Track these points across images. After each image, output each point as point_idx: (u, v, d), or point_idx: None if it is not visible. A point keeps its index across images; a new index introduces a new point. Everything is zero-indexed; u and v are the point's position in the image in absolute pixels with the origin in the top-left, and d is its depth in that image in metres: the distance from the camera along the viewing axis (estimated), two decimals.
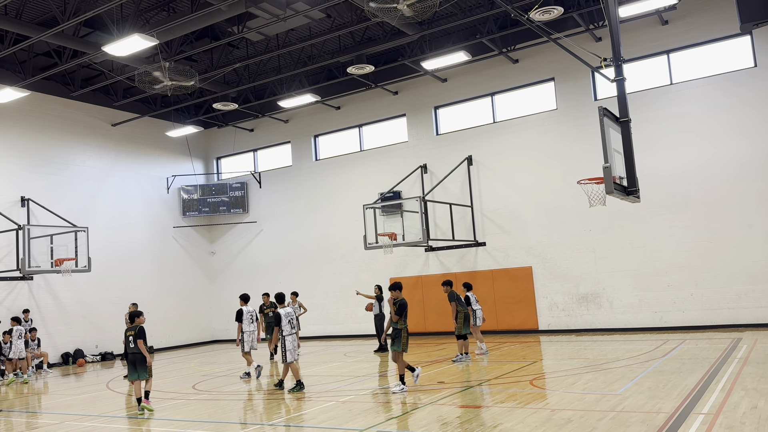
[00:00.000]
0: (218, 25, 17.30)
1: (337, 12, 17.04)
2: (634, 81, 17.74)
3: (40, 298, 20.14)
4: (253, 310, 14.50)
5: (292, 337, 11.45)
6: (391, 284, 11.24)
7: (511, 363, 13.31)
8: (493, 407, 8.86)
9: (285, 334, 11.35)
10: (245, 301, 14.53)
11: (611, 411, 8.07)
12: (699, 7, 17.54)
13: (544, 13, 14.74)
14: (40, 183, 20.64)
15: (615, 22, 10.65)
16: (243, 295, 14.70)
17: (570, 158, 18.96)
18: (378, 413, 9.19)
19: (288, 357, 11.35)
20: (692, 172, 17.44)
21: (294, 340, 11.53)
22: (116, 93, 22.37)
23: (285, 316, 11.38)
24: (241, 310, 14.20)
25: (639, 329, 17.67)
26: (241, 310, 14.20)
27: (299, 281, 23.92)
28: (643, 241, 17.94)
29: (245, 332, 14.03)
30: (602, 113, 9.47)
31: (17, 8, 15.61)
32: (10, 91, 17.70)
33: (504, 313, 19.91)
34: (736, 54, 17.31)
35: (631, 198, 10.13)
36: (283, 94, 21.66)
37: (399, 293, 11.01)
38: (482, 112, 21.08)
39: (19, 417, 11.24)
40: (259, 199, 25.48)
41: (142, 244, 23.67)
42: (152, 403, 10.58)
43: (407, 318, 10.95)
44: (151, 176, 24.51)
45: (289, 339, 11.33)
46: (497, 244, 20.23)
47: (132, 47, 15.07)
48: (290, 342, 11.35)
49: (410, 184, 21.54)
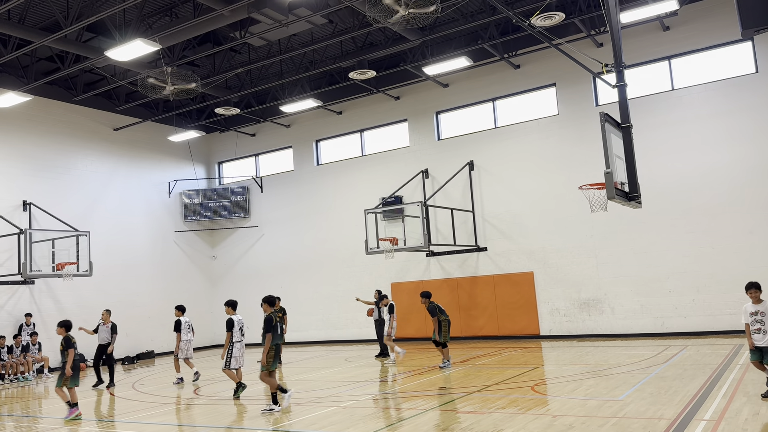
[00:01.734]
0: (220, 31, 17.35)
1: (339, 17, 17.09)
2: (635, 87, 17.75)
3: (42, 302, 20.14)
4: (190, 320, 14.93)
5: (241, 344, 11.77)
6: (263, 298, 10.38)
7: (512, 368, 13.28)
8: (495, 413, 8.83)
9: (234, 341, 11.65)
10: (182, 311, 14.99)
11: (613, 417, 8.05)
12: (700, 13, 17.56)
13: (545, 18, 14.78)
14: (42, 187, 20.67)
15: (616, 27, 10.67)
16: (179, 306, 15.17)
17: (571, 164, 18.96)
18: (379, 419, 9.17)
19: (232, 363, 11.71)
20: (694, 178, 17.43)
21: (242, 348, 11.83)
22: (118, 98, 22.44)
23: (237, 323, 11.69)
24: (179, 321, 14.74)
25: (640, 335, 17.63)
26: (179, 321, 14.74)
27: (300, 286, 23.93)
28: (644, 246, 17.91)
29: (183, 341, 14.65)
30: (604, 119, 9.48)
31: (20, 13, 15.67)
32: (13, 95, 17.74)
33: (505, 318, 19.88)
34: (737, 60, 17.33)
35: (632, 203, 10.14)
36: (284, 99, 21.71)
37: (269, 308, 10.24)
38: (484, 118, 21.10)
39: (20, 422, 11.24)
40: (260, 204, 25.50)
41: (144, 249, 23.68)
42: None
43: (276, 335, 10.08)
44: (152, 181, 24.54)
45: (237, 346, 11.63)
46: (498, 250, 20.22)
47: (134, 52, 15.11)
48: (237, 349, 11.66)
49: (411, 189, 21.55)
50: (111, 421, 10.64)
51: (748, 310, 8.78)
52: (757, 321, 8.65)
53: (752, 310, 8.73)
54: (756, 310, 8.70)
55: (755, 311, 8.70)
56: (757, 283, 8.86)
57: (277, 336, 10.07)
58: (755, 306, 8.74)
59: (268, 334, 9.92)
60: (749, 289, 8.81)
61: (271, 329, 9.91)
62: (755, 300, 8.79)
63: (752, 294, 8.79)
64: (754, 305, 8.75)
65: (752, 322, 8.71)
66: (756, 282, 8.89)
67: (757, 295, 8.79)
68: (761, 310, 8.67)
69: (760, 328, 8.63)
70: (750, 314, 8.74)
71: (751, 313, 8.73)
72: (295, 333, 23.64)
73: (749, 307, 8.78)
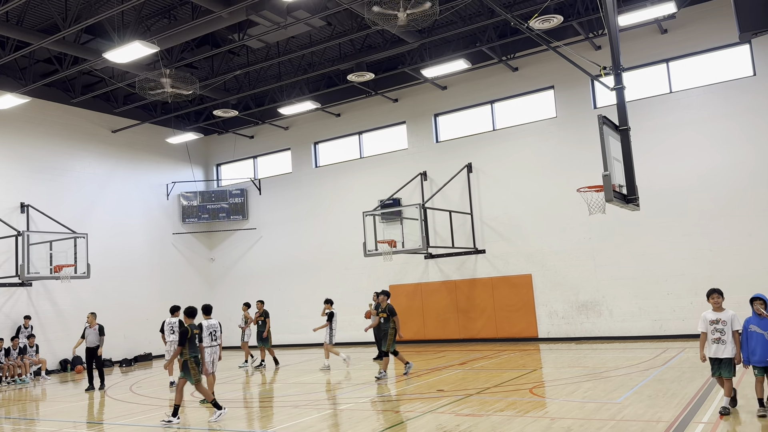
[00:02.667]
0: (219, 33, 17.35)
1: (337, 20, 17.10)
2: (633, 89, 17.78)
3: (39, 304, 20.10)
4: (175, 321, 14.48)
5: (211, 349, 11.85)
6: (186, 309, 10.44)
7: (510, 371, 13.27)
8: (493, 416, 8.83)
9: (205, 346, 11.77)
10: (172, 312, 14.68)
11: (611, 420, 8.05)
12: (698, 16, 17.60)
13: (543, 21, 14.80)
14: (39, 189, 20.63)
15: (614, 30, 10.68)
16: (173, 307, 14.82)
17: (569, 166, 18.98)
18: (377, 421, 9.15)
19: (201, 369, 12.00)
20: (692, 181, 17.45)
21: (213, 353, 11.86)
22: (116, 100, 22.42)
23: (207, 328, 11.83)
24: (163, 322, 14.73)
25: (639, 337, 17.64)
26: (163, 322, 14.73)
27: (298, 288, 23.91)
28: (642, 249, 17.93)
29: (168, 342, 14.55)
30: (602, 121, 9.49)
31: (18, 15, 15.66)
32: (11, 97, 17.72)
33: (503, 320, 19.88)
34: (735, 63, 17.36)
35: (630, 206, 10.14)
36: (283, 101, 21.71)
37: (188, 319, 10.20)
38: (482, 120, 21.11)
39: (17, 424, 11.20)
40: (258, 206, 25.49)
41: (142, 251, 23.65)
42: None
43: (194, 347, 10.04)
44: (150, 183, 24.52)
45: (208, 351, 11.73)
46: (497, 252, 20.22)
47: (133, 54, 15.10)
48: (208, 354, 11.74)
49: (410, 192, 21.54)
50: (110, 424, 10.61)
51: (707, 318, 8.12)
52: (717, 330, 8.01)
53: (712, 318, 8.08)
54: (717, 318, 8.05)
55: (716, 319, 8.05)
56: (719, 289, 8.21)
57: (194, 348, 10.01)
58: (716, 314, 8.10)
59: (179, 346, 9.94)
60: (711, 295, 8.18)
61: (185, 342, 9.91)
62: (716, 307, 8.14)
63: (714, 300, 8.15)
64: (715, 313, 8.11)
65: (711, 331, 8.05)
66: (718, 288, 8.25)
67: (719, 302, 8.14)
68: (723, 318, 8.01)
69: (720, 338, 7.95)
70: (709, 322, 8.09)
71: (711, 321, 8.08)
72: (293, 335, 23.62)
73: (709, 315, 8.13)
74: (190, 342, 9.99)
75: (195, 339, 10.09)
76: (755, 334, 7.78)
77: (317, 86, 21.76)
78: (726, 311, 8.08)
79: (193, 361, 10.00)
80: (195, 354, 10.05)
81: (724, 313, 8.06)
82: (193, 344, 10.04)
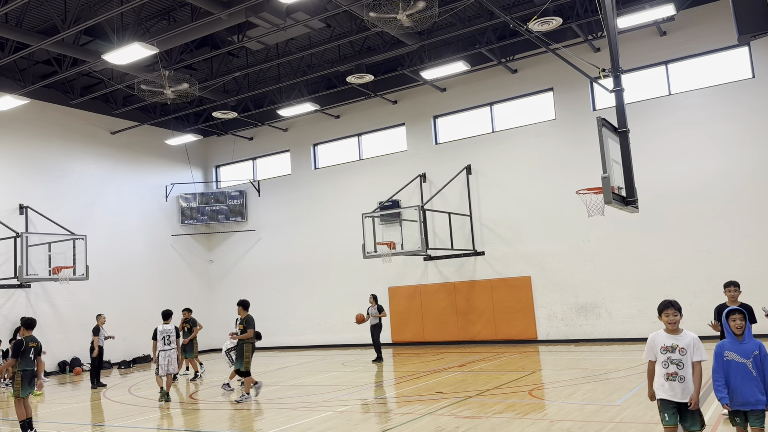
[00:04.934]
0: (218, 34, 17.36)
1: (337, 22, 17.11)
2: (632, 91, 17.80)
3: (38, 306, 20.07)
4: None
5: (165, 353, 12.35)
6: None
7: (509, 373, 13.26)
8: (492, 417, 8.82)
9: (159, 350, 12.38)
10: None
11: (610, 422, 8.04)
12: (697, 18, 17.63)
13: (543, 23, 14.81)
14: (38, 191, 20.62)
15: (613, 33, 10.69)
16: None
17: (568, 168, 18.99)
18: (376, 423, 9.14)
19: (159, 371, 12.38)
20: (691, 183, 17.46)
21: (167, 356, 12.32)
22: (116, 101, 22.41)
23: (161, 332, 12.42)
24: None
25: (638, 339, 17.61)
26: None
27: (297, 289, 23.89)
28: (641, 251, 17.93)
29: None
30: (601, 123, 9.49)
31: (18, 16, 15.66)
32: (10, 98, 17.71)
33: (503, 322, 19.87)
34: (734, 65, 17.39)
35: (629, 208, 10.14)
36: (282, 102, 21.72)
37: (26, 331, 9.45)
38: (481, 122, 21.13)
39: (15, 426, 11.18)
40: (257, 208, 25.48)
41: (141, 252, 23.63)
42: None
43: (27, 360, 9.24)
44: (149, 184, 24.50)
45: (162, 354, 12.29)
46: (496, 254, 20.22)
47: (132, 56, 15.11)
48: (163, 358, 12.27)
49: (409, 193, 21.55)
50: (109, 425, 10.59)
51: (657, 343, 5.55)
52: (672, 361, 5.44)
53: (666, 344, 5.51)
54: (672, 344, 5.48)
55: (670, 345, 5.48)
56: (675, 301, 5.52)
57: (27, 361, 9.27)
58: (671, 337, 5.52)
59: (11, 359, 9.29)
60: (664, 311, 5.55)
61: (18, 354, 9.22)
62: (671, 327, 5.53)
63: (668, 317, 5.50)
64: (670, 335, 5.53)
65: (664, 362, 5.48)
66: (673, 300, 5.54)
67: (676, 320, 5.48)
68: (681, 345, 5.46)
69: (676, 373, 5.42)
70: (661, 349, 5.51)
71: (664, 347, 5.51)
72: (291, 337, 23.61)
73: (660, 338, 5.56)
74: (23, 355, 9.22)
75: (29, 353, 9.28)
76: (734, 365, 5.52)
77: (316, 88, 21.77)
78: (685, 333, 5.58)
79: (20, 375, 9.20)
80: (25, 368, 9.24)
81: (683, 336, 5.55)
82: (26, 358, 9.24)
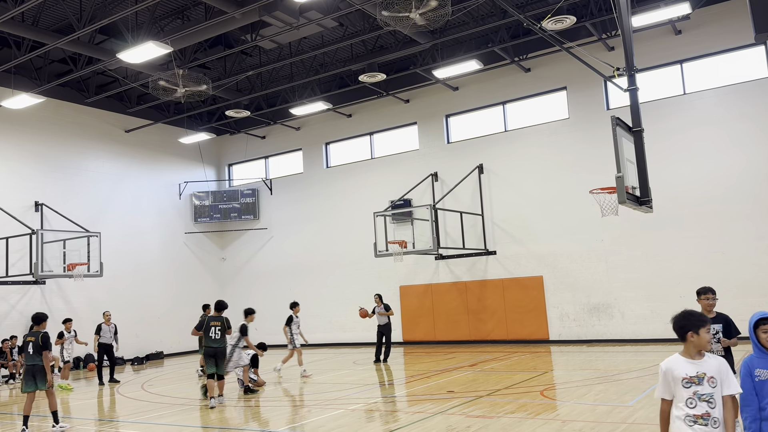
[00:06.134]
0: (232, 33, 17.43)
1: (349, 20, 17.12)
2: (647, 91, 17.66)
3: (52, 302, 20.27)
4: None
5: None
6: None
7: (521, 373, 13.22)
8: (503, 417, 8.80)
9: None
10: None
11: (622, 423, 8.00)
12: (713, 17, 17.46)
13: (556, 22, 14.73)
14: (53, 188, 20.83)
15: (628, 31, 10.62)
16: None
17: (582, 167, 18.88)
18: (387, 422, 9.15)
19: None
20: (705, 183, 17.31)
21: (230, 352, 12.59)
22: (130, 100, 22.59)
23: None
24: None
25: (651, 340, 17.51)
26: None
27: (309, 288, 23.95)
28: (655, 251, 17.80)
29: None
30: (615, 123, 9.43)
31: (34, 15, 15.81)
32: (26, 97, 17.90)
33: (514, 322, 19.81)
34: (750, 64, 17.20)
35: (643, 208, 10.07)
36: (295, 101, 21.78)
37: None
38: (494, 121, 21.06)
39: (30, 421, 11.30)
40: (269, 206, 25.57)
41: (154, 250, 23.80)
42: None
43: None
44: (163, 182, 24.67)
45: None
46: (508, 253, 20.16)
47: (146, 54, 15.20)
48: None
49: (421, 192, 21.53)
50: (123, 421, 10.68)
51: (677, 374, 4.09)
52: (700, 398, 3.99)
53: (689, 374, 4.06)
54: (698, 372, 4.04)
55: (695, 375, 4.04)
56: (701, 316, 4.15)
57: (27, 357, 9.53)
58: (693, 363, 4.10)
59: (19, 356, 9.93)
60: (687, 332, 4.14)
61: (20, 351, 9.97)
62: (694, 351, 4.13)
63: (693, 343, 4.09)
64: (691, 361, 4.11)
65: (689, 400, 4.00)
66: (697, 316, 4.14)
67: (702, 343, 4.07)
68: (708, 373, 4.04)
69: (708, 414, 3.96)
70: (683, 381, 4.05)
71: (687, 379, 4.05)
72: (303, 335, 23.64)
73: (679, 367, 4.11)
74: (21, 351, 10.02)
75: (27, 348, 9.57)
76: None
77: (329, 87, 21.80)
78: (711, 358, 4.14)
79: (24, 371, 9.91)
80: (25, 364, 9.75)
81: (708, 362, 4.09)
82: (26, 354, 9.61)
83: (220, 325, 11.87)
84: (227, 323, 11.97)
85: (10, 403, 13.44)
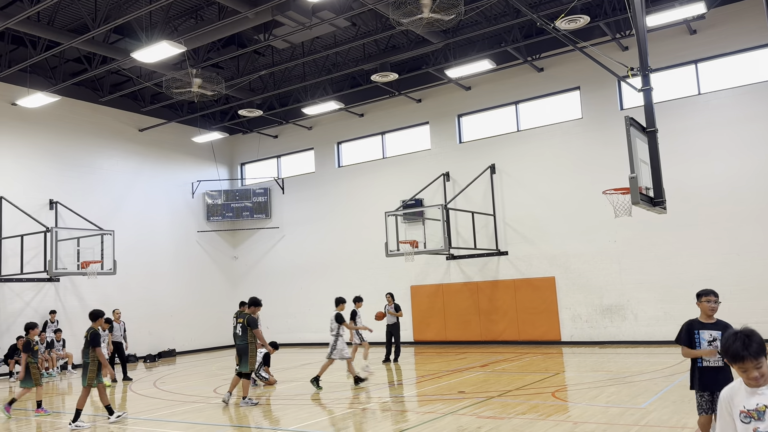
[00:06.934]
0: (245, 33, 17.50)
1: (362, 20, 17.14)
2: (661, 91, 17.53)
3: (66, 299, 20.46)
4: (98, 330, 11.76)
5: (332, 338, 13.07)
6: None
7: (533, 374, 13.17)
8: (515, 419, 8.77)
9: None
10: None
11: (635, 425, 7.94)
12: (728, 16, 17.29)
13: (570, 21, 14.65)
14: (68, 186, 21.01)
15: (642, 31, 10.54)
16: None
17: (595, 168, 18.77)
18: (397, 421, 9.15)
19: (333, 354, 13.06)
20: (720, 184, 17.15)
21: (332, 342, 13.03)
22: (144, 99, 22.74)
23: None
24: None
25: (664, 342, 17.36)
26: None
27: (320, 287, 23.98)
28: (668, 252, 17.66)
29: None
30: (628, 123, 9.37)
31: (49, 15, 15.95)
32: (42, 96, 18.08)
33: (526, 323, 19.73)
34: (765, 64, 17.02)
35: (657, 209, 9.99)
36: (307, 101, 21.82)
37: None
38: (506, 121, 20.99)
39: (44, 417, 11.41)
40: (281, 205, 25.65)
41: (167, 248, 23.95)
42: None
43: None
44: (176, 181, 24.82)
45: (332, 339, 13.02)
46: (520, 254, 20.08)
47: (160, 54, 15.30)
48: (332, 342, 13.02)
49: (432, 192, 21.50)
50: (135, 418, 10.75)
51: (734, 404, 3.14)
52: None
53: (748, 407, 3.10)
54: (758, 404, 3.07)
55: (755, 409, 3.07)
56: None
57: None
58: (753, 393, 3.09)
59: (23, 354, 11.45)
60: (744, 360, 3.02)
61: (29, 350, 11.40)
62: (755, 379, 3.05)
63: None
64: (751, 392, 3.09)
65: None
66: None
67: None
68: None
69: None
70: (741, 415, 3.10)
71: (746, 412, 3.09)
72: (314, 334, 23.70)
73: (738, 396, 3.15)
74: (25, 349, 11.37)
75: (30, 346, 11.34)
76: None
77: (341, 86, 21.82)
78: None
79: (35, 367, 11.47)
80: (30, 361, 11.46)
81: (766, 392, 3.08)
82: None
83: (242, 321, 11.62)
84: (250, 320, 11.55)
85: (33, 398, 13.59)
